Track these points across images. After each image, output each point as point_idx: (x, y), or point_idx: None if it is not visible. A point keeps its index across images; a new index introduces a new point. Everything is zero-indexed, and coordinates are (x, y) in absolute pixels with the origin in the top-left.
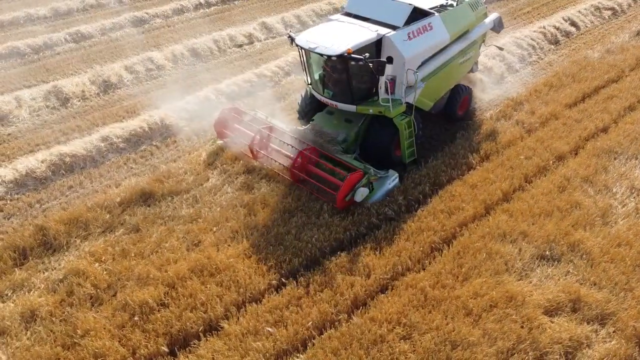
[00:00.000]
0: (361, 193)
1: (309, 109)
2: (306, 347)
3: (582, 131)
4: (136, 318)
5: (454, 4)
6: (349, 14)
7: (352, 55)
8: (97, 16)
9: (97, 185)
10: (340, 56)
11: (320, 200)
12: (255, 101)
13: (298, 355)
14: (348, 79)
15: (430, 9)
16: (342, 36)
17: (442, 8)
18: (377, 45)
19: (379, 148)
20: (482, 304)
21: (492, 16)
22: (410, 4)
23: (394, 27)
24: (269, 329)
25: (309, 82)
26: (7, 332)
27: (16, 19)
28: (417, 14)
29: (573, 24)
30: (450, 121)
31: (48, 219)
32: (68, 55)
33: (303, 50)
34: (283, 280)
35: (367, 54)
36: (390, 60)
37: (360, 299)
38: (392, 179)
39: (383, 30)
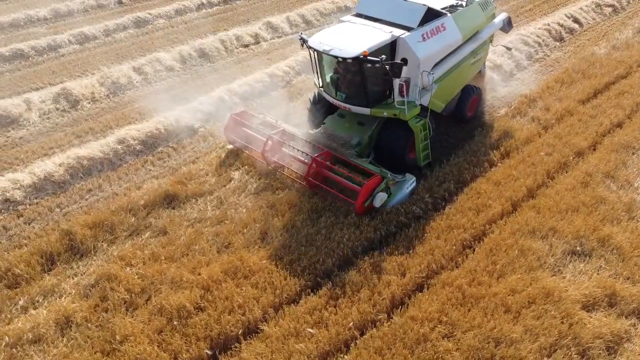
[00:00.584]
0: (380, 198)
1: (320, 111)
2: (349, 347)
3: (598, 127)
4: (175, 322)
5: (464, 4)
6: (360, 15)
7: (369, 57)
8: (98, 17)
9: (117, 188)
10: (356, 58)
11: None
12: (268, 101)
13: (342, 356)
14: (362, 81)
15: (442, 9)
16: (356, 38)
17: (453, 8)
18: (391, 46)
19: (393, 151)
20: (521, 301)
21: (501, 16)
22: (424, 5)
23: (407, 28)
24: (310, 330)
25: (321, 84)
26: (43, 339)
27: (16, 21)
28: (430, 15)
29: (576, 20)
30: (460, 122)
31: (73, 223)
32: (73, 57)
33: (315, 53)
34: (318, 280)
35: (383, 56)
36: (405, 61)
37: (398, 298)
38: (410, 183)
39: (397, 32)
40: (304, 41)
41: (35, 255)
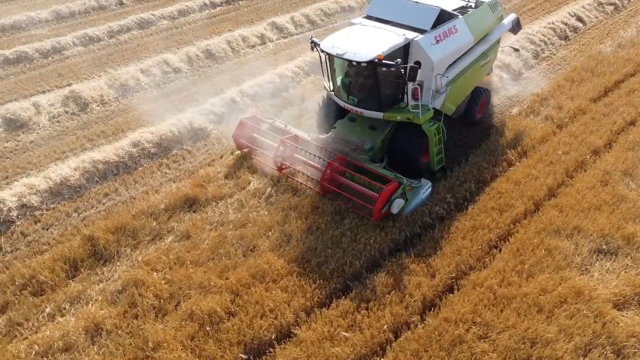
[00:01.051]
0: (398, 204)
1: (330, 115)
2: (385, 350)
3: (612, 125)
4: (208, 328)
5: (472, 5)
6: (370, 17)
7: (383, 61)
8: (100, 18)
9: (134, 192)
10: (370, 62)
11: None
12: (279, 102)
13: (378, 359)
14: (375, 85)
15: (453, 10)
16: (369, 41)
17: (463, 10)
18: (404, 49)
19: (407, 155)
20: (552, 300)
21: (510, 17)
22: (436, 7)
23: (420, 31)
24: (345, 334)
25: (331, 88)
26: (74, 347)
27: (17, 23)
28: (443, 17)
29: (579, 19)
30: (469, 125)
31: (95, 228)
32: (78, 59)
33: (327, 56)
34: (348, 283)
35: (399, 60)
36: (418, 65)
37: (429, 300)
38: (426, 188)
39: (410, 34)
40: (315, 44)
41: (59, 262)
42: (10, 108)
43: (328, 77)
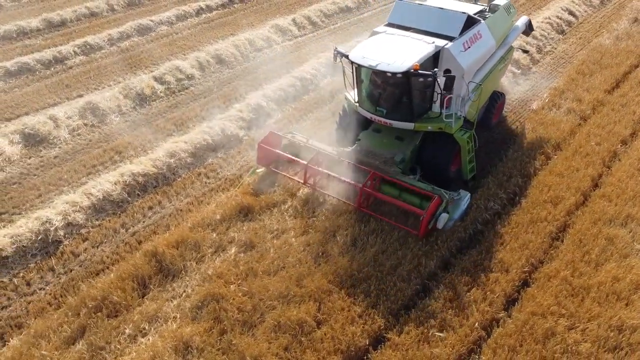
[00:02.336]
0: (443, 219)
1: (351, 127)
2: (480, 346)
3: (632, 115)
4: (302, 338)
5: (486, 8)
6: (392, 25)
7: (420, 71)
8: (93, 25)
9: (178, 204)
10: (406, 73)
11: None
12: (302, 105)
13: (477, 356)
14: (408, 95)
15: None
16: (400, 51)
17: (481, 14)
18: (434, 57)
19: (437, 166)
20: (627, 288)
21: (522, 19)
22: (463, 12)
23: (448, 38)
24: (439, 334)
25: (356, 99)
26: None
27: (8, 33)
28: (468, 23)
29: (571, 13)
30: (484, 130)
31: (157, 243)
32: (82, 69)
33: (355, 67)
34: (426, 282)
35: (436, 69)
36: (449, 72)
37: (509, 295)
38: (466, 200)
39: (440, 42)
40: (341, 55)
41: (127, 280)
42: (27, 123)
43: (354, 88)
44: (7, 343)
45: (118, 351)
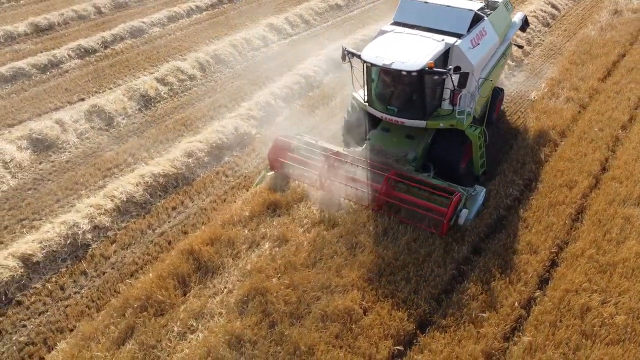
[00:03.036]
0: (465, 215)
1: (358, 127)
2: (522, 324)
3: (627, 101)
4: (353, 326)
5: (485, 5)
6: (398, 23)
7: (435, 69)
8: (82, 29)
9: (201, 203)
10: (421, 71)
11: None
12: (308, 101)
13: (521, 334)
14: (420, 93)
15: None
16: (412, 49)
17: (482, 11)
18: (444, 55)
19: (449, 162)
20: None
21: (518, 15)
22: (470, 9)
23: (456, 35)
24: (483, 314)
25: (366, 98)
26: None
27: None
28: (474, 19)
29: (554, 6)
30: (488, 124)
31: (191, 241)
32: (79, 72)
33: (367, 67)
34: (461, 267)
35: (451, 67)
36: (458, 69)
37: (541, 275)
38: (482, 195)
39: (449, 39)
40: (351, 55)
41: (168, 279)
42: (34, 128)
43: (363, 88)
44: (53, 347)
45: (169, 349)
